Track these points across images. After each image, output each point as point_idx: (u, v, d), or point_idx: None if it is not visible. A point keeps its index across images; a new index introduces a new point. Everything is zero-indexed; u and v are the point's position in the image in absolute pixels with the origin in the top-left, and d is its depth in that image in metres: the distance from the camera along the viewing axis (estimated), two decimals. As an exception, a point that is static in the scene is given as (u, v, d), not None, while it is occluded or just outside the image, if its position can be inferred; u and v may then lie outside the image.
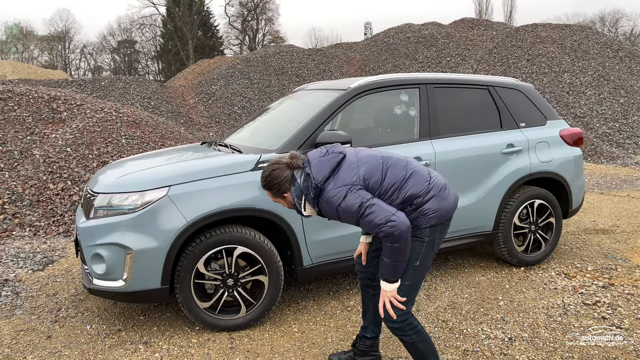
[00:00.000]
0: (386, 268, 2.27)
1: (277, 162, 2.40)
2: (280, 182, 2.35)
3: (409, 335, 2.37)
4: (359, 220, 2.24)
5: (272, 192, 2.40)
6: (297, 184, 2.35)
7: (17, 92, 7.89)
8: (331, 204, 2.26)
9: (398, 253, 2.21)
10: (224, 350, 3.03)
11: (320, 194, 2.29)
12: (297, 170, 2.36)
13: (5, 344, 3.13)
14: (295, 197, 2.37)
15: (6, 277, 4.25)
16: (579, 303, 3.58)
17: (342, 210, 2.24)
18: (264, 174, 2.40)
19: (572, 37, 17.22)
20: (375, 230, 2.20)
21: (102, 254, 3.05)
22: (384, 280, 2.30)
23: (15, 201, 5.93)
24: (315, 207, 2.36)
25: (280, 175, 2.35)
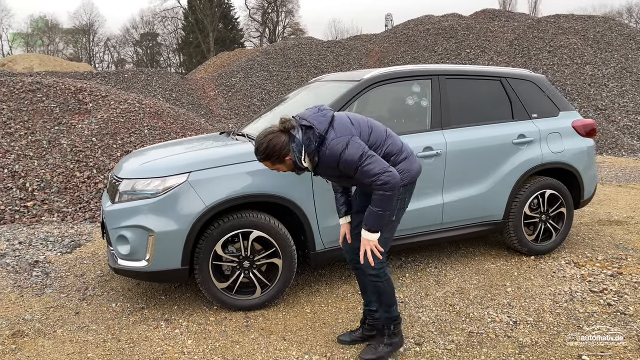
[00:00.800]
0: (373, 218, 2.51)
1: (269, 132, 2.53)
2: (281, 147, 2.49)
3: (382, 282, 2.71)
4: (357, 168, 2.45)
5: (272, 159, 2.53)
6: (297, 140, 2.51)
7: (45, 83, 8.19)
8: (334, 152, 2.47)
9: (387, 202, 2.46)
10: (239, 328, 3.20)
11: (322, 143, 2.50)
12: (293, 130, 2.53)
13: (37, 319, 3.35)
14: (296, 153, 2.52)
15: (36, 259, 4.50)
16: (585, 290, 3.65)
17: (345, 158, 2.45)
18: (260, 146, 2.51)
19: (595, 28, 16.93)
20: (372, 179, 2.43)
21: (127, 236, 3.24)
22: (367, 230, 2.54)
23: (44, 188, 6.21)
24: (315, 158, 2.54)
25: (278, 141, 2.49)
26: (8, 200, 5.95)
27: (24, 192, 6.11)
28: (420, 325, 3.20)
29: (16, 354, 2.91)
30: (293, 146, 2.52)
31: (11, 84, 8.07)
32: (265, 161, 2.58)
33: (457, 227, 4.05)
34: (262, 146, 2.52)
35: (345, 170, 2.51)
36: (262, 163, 2.61)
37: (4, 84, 8.04)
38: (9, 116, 7.35)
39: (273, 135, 2.52)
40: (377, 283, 2.71)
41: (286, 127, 2.53)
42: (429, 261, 4.30)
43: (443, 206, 3.91)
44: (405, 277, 4.00)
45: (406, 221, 3.78)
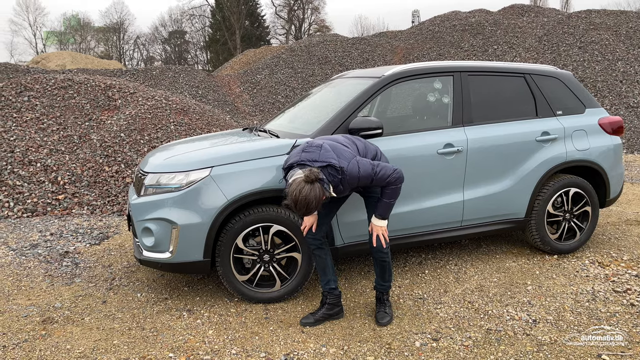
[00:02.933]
0: (385, 207, 3.01)
1: (306, 188, 2.71)
2: (318, 197, 2.73)
3: (387, 260, 3.19)
4: (373, 179, 2.90)
5: (315, 209, 2.76)
6: (325, 181, 2.82)
7: (76, 80, 8.44)
8: (353, 176, 2.88)
9: (396, 193, 2.98)
10: (259, 320, 3.27)
11: (343, 176, 2.88)
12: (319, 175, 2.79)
13: (66, 307, 3.49)
14: (328, 191, 2.83)
15: (67, 250, 4.67)
16: (609, 290, 3.60)
17: (362, 175, 2.88)
18: (310, 204, 2.70)
19: (627, 24, 16.45)
20: (387, 180, 2.91)
21: (151, 228, 3.35)
22: (379, 218, 3.04)
23: (75, 182, 6.42)
24: (338, 189, 2.92)
25: (318, 192, 2.73)
26: (41, 193, 6.17)
27: (56, 186, 6.33)
28: (437, 322, 3.21)
29: (46, 339, 3.04)
30: (326, 187, 2.81)
31: (44, 80, 8.35)
32: (310, 215, 2.88)
33: (477, 224, 4.04)
34: (312, 203, 2.71)
35: (362, 184, 2.95)
36: (306, 217, 3.04)
37: (37, 81, 8.32)
38: (42, 112, 7.61)
39: (312, 188, 2.72)
40: (385, 260, 3.18)
41: (314, 177, 2.74)
42: (449, 258, 4.29)
43: (464, 203, 3.90)
44: (424, 273, 4.01)
45: (426, 218, 3.82)
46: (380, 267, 3.23)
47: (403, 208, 3.72)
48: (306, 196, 2.70)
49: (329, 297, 3.28)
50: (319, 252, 3.25)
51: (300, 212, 2.76)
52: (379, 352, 2.87)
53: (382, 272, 3.24)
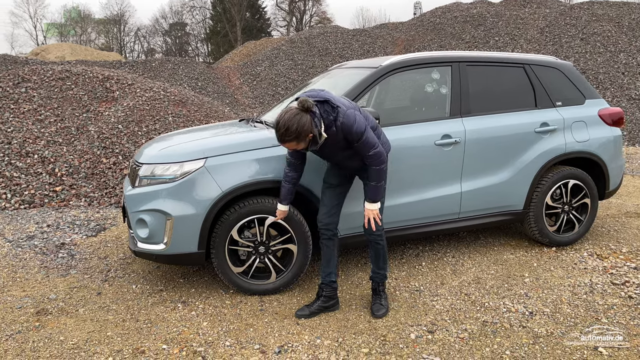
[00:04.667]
0: (372, 191, 2.96)
1: (294, 113, 2.70)
2: (307, 126, 2.70)
3: (381, 243, 3.17)
4: (359, 139, 2.81)
5: (299, 139, 2.72)
6: (317, 115, 2.76)
7: (74, 72, 8.39)
8: (348, 123, 2.78)
9: (381, 174, 2.92)
10: (254, 312, 3.25)
11: (337, 117, 2.79)
12: (312, 107, 2.74)
13: (60, 299, 3.47)
14: (318, 127, 2.75)
15: (63, 241, 4.65)
16: (607, 282, 3.57)
17: (355, 130, 2.79)
18: (290, 127, 2.67)
19: (630, 16, 16.30)
20: (368, 152, 2.85)
21: (146, 219, 3.32)
22: (370, 202, 2.99)
23: (72, 174, 6.39)
24: (330, 131, 2.82)
25: (306, 120, 2.70)
26: (38, 184, 6.15)
27: (53, 177, 6.30)
28: (433, 314, 3.19)
29: (39, 331, 3.03)
30: (316, 121, 2.74)
31: (42, 72, 8.30)
32: (291, 142, 2.75)
33: (475, 216, 4.01)
34: (292, 127, 2.68)
35: (351, 140, 2.83)
36: (287, 144, 2.79)
37: (35, 72, 8.27)
38: (39, 103, 7.57)
39: (300, 116, 2.70)
40: (379, 244, 3.17)
41: (307, 106, 2.71)
42: (447, 250, 4.27)
43: (461, 195, 3.87)
44: (421, 265, 3.98)
45: (423, 210, 3.79)
46: (375, 252, 3.21)
47: (400, 200, 3.69)
48: (290, 118, 2.68)
49: (325, 290, 3.26)
50: (329, 243, 3.24)
51: (279, 133, 2.72)
52: (373, 344, 2.86)
53: (377, 257, 3.22)
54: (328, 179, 3.26)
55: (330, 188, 3.24)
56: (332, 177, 3.24)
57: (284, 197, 3.22)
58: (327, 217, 3.22)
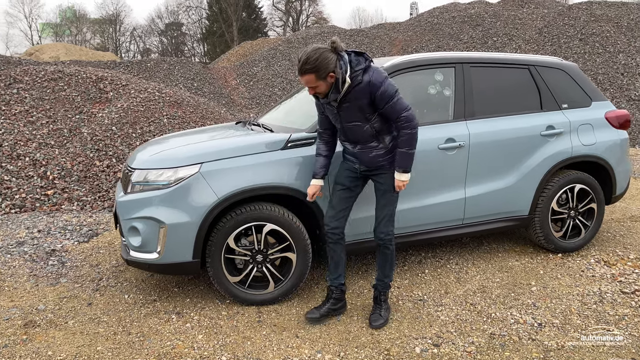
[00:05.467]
0: (404, 158, 2.84)
1: (319, 46, 2.66)
2: (329, 61, 2.63)
3: (390, 248, 3.05)
4: (390, 101, 2.72)
5: (320, 72, 2.64)
6: (344, 59, 2.69)
7: (67, 72, 8.23)
8: (379, 78, 2.70)
9: (413, 139, 2.80)
10: (251, 323, 3.12)
11: (367, 69, 2.71)
12: (342, 51, 2.70)
13: (49, 310, 3.33)
14: (342, 71, 2.67)
15: (54, 248, 4.50)
16: (616, 291, 3.45)
17: (385, 88, 2.71)
18: (311, 56, 2.61)
19: (628, 16, 16.26)
20: (400, 114, 2.75)
21: (138, 227, 3.18)
22: (401, 172, 2.87)
23: (65, 177, 6.24)
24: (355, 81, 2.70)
25: (329, 56, 2.63)
26: (29, 188, 5.99)
27: (45, 181, 6.15)
28: (439, 325, 3.07)
29: (27, 344, 2.89)
30: (342, 63, 2.66)
31: (34, 72, 8.14)
32: (310, 74, 2.65)
33: (479, 222, 3.88)
34: (313, 56, 2.61)
35: (379, 99, 2.72)
36: (305, 77, 2.69)
37: (27, 73, 8.11)
38: (31, 105, 7.42)
39: (324, 50, 2.64)
40: (388, 249, 3.05)
41: (337, 47, 2.67)
42: (450, 257, 4.15)
43: (465, 200, 3.75)
44: (424, 273, 3.86)
45: (427, 216, 3.66)
46: (383, 257, 3.09)
47: (402, 205, 3.56)
48: (314, 49, 2.63)
49: (335, 292, 3.18)
50: (336, 247, 3.14)
51: (300, 62, 2.66)
52: (377, 358, 2.73)
53: (384, 263, 3.10)
54: (339, 179, 3.13)
55: (341, 190, 3.10)
56: (344, 178, 3.10)
57: (316, 172, 3.10)
58: (334, 221, 3.09)
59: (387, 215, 3.02)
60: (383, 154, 2.93)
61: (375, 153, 2.92)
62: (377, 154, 2.92)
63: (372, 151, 2.92)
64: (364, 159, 2.97)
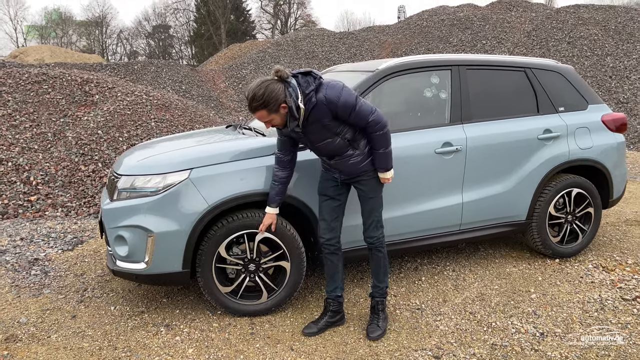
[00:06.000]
0: (382, 158, 2.78)
1: (264, 80, 2.57)
2: (278, 92, 2.53)
3: (382, 251, 2.99)
4: (354, 110, 2.61)
5: (270, 107, 2.55)
6: (293, 85, 2.57)
7: (51, 75, 8.04)
8: (335, 92, 2.58)
9: (386, 139, 2.74)
10: (244, 336, 2.99)
11: (319, 88, 2.59)
12: (288, 78, 2.59)
13: (31, 323, 3.18)
14: (293, 97, 2.56)
15: (36, 256, 4.34)
16: (617, 298, 3.39)
17: (345, 99, 2.59)
18: (258, 92, 2.52)
19: (616, 19, 16.40)
20: (367, 119, 2.65)
21: (125, 236, 3.04)
22: (383, 170, 2.82)
23: (49, 182, 6.06)
24: (309, 106, 2.58)
25: (275, 87, 2.54)
26: (12, 194, 5.80)
27: (28, 186, 5.96)
28: (438, 336, 2.97)
29: (6, 362, 2.73)
30: (290, 90, 2.56)
31: (17, 75, 7.93)
32: (261, 110, 2.57)
33: (477, 228, 3.80)
34: (259, 92, 2.52)
35: (341, 113, 2.61)
36: (257, 114, 2.60)
37: (10, 75, 7.90)
38: (14, 108, 7.21)
39: (269, 82, 2.55)
40: (380, 252, 2.98)
41: (282, 75, 2.56)
42: (446, 264, 4.06)
43: (462, 206, 3.66)
44: (421, 280, 3.76)
45: (424, 222, 3.57)
46: (375, 262, 3.02)
47: (399, 212, 3.47)
48: (259, 84, 2.55)
49: (332, 305, 3.08)
50: (332, 258, 3.05)
51: (247, 100, 2.58)
52: (375, 372, 2.62)
53: (377, 268, 3.02)
54: (323, 190, 3.02)
55: (327, 201, 3.00)
56: (327, 189, 2.99)
57: (272, 199, 2.95)
58: (328, 232, 2.99)
59: (373, 220, 2.95)
60: (361, 160, 2.82)
61: (353, 161, 2.82)
62: (355, 161, 2.82)
63: (350, 159, 2.82)
64: (343, 169, 2.87)
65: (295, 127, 2.68)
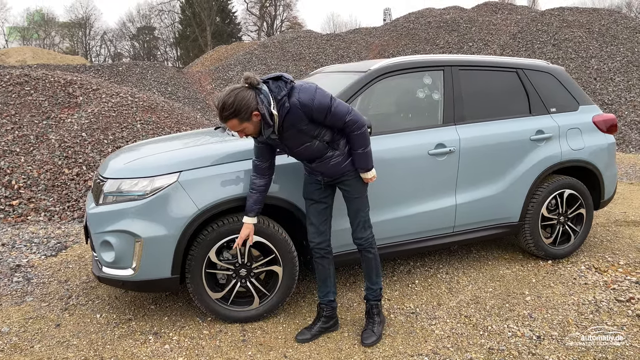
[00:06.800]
0: (362, 159, 2.70)
1: (233, 88, 2.49)
2: (248, 100, 2.44)
3: (372, 251, 2.92)
4: (329, 111, 2.53)
5: (241, 115, 2.46)
6: (264, 92, 2.49)
7: (34, 76, 7.86)
8: (309, 95, 2.49)
9: (364, 138, 2.66)
10: (235, 343, 2.91)
11: (292, 93, 2.50)
12: (258, 84, 2.50)
13: (14, 332, 3.05)
14: (265, 104, 2.47)
15: (18, 263, 4.20)
16: (611, 299, 3.37)
17: (319, 100, 2.50)
18: (227, 101, 2.43)
19: (600, 22, 16.62)
20: (344, 119, 2.58)
21: (111, 242, 2.94)
22: (364, 171, 2.75)
23: (31, 186, 5.90)
24: (282, 111, 2.50)
25: (246, 95, 2.45)
26: (-8, 198, 5.63)
27: (10, 190, 5.80)
28: (434, 340, 2.91)
29: (-14, 374, 2.62)
30: (262, 97, 2.48)
31: (-2, 76, 7.74)
32: (232, 119, 2.48)
33: (470, 230, 3.76)
34: (229, 101, 2.44)
35: (317, 115, 2.53)
36: (228, 123, 2.51)
37: (-10, 77, 7.71)
38: (-5, 110, 7.03)
39: (239, 90, 2.47)
40: (370, 252, 2.91)
41: (251, 82, 2.48)
42: (439, 266, 4.01)
43: (456, 207, 3.62)
44: (414, 283, 3.71)
45: (417, 224, 3.52)
46: (367, 264, 2.95)
47: (392, 214, 3.41)
48: (228, 92, 2.46)
49: (325, 310, 3.01)
50: (322, 262, 2.98)
51: (218, 109, 2.49)
52: (372, 379, 2.55)
53: (369, 270, 2.95)
54: (308, 194, 2.94)
55: (314, 205, 2.92)
56: (312, 193, 2.91)
57: (249, 208, 2.84)
58: (317, 236, 2.92)
59: (360, 221, 2.88)
60: (342, 160, 2.74)
61: (334, 162, 2.74)
62: (336, 162, 2.74)
63: (330, 161, 2.74)
64: (325, 171, 2.78)
65: (271, 134, 2.59)
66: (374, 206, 3.14)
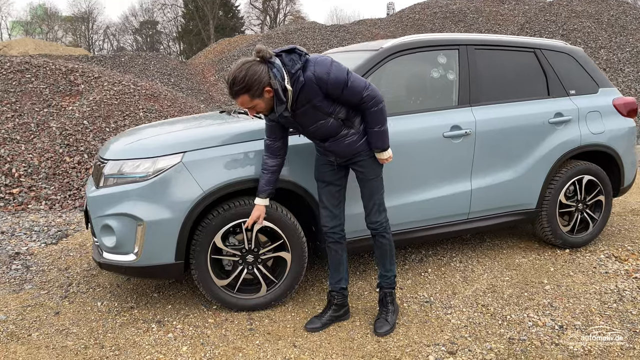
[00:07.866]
0: (378, 137, 2.56)
1: (245, 61, 2.35)
2: (261, 75, 2.31)
3: (386, 237, 2.78)
4: (346, 85, 2.39)
5: (252, 91, 2.33)
6: (277, 65, 2.34)
7: (35, 64, 7.72)
8: (321, 72, 2.34)
9: (382, 115, 2.52)
10: (242, 332, 2.77)
11: (306, 65, 2.37)
12: (271, 58, 2.36)
13: (11, 320, 2.93)
14: (278, 79, 2.33)
15: (17, 251, 4.08)
16: (634, 288, 3.22)
17: (335, 74, 2.36)
18: (238, 75, 2.31)
19: (609, 12, 16.36)
20: (361, 94, 2.43)
21: (112, 226, 2.80)
22: (379, 151, 2.60)
23: (32, 174, 5.77)
24: (297, 86, 2.36)
25: (258, 69, 2.31)
26: (-8, 186, 5.51)
27: (10, 178, 5.68)
28: (451, 330, 2.77)
29: (-19, 363, 2.49)
30: (275, 71, 2.33)
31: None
32: (243, 95, 2.35)
33: (485, 217, 3.61)
34: (240, 75, 2.30)
35: (332, 90, 2.40)
36: (239, 99, 2.38)
37: (-9, 64, 7.58)
38: (-5, 97, 6.90)
39: (251, 63, 2.33)
40: (384, 237, 2.78)
41: (264, 55, 2.34)
42: (452, 254, 3.87)
43: (471, 193, 3.47)
44: (427, 272, 3.57)
45: (430, 210, 3.37)
46: (380, 250, 2.81)
47: (405, 199, 3.27)
48: (239, 66, 2.32)
49: (337, 298, 2.88)
50: (336, 247, 2.85)
51: (228, 85, 2.36)
52: (387, 370, 2.42)
53: (383, 256, 2.82)
54: (320, 176, 2.80)
55: (327, 187, 2.78)
56: (324, 174, 2.77)
57: (261, 189, 2.70)
58: (330, 220, 2.78)
59: (375, 204, 2.73)
60: (357, 139, 2.59)
61: (349, 141, 2.58)
62: (350, 141, 2.58)
63: (345, 139, 2.58)
64: (338, 151, 2.62)
65: (284, 111, 2.44)
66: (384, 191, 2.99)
